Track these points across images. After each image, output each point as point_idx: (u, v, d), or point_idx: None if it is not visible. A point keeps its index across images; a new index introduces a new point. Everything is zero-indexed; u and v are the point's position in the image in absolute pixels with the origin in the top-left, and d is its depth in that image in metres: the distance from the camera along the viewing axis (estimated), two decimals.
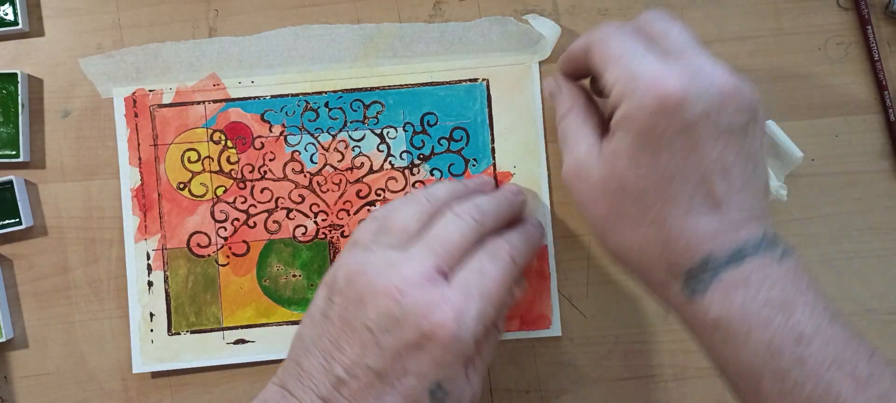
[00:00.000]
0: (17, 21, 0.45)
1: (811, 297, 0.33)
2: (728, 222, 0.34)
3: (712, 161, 0.33)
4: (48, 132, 0.45)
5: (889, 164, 0.46)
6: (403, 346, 0.33)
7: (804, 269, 0.34)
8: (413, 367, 0.33)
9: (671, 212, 0.34)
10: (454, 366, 0.34)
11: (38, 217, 0.45)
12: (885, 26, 0.46)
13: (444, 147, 0.45)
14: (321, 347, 0.35)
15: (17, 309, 0.45)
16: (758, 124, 0.35)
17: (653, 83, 0.33)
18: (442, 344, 0.33)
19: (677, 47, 0.34)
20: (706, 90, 0.33)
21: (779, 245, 0.34)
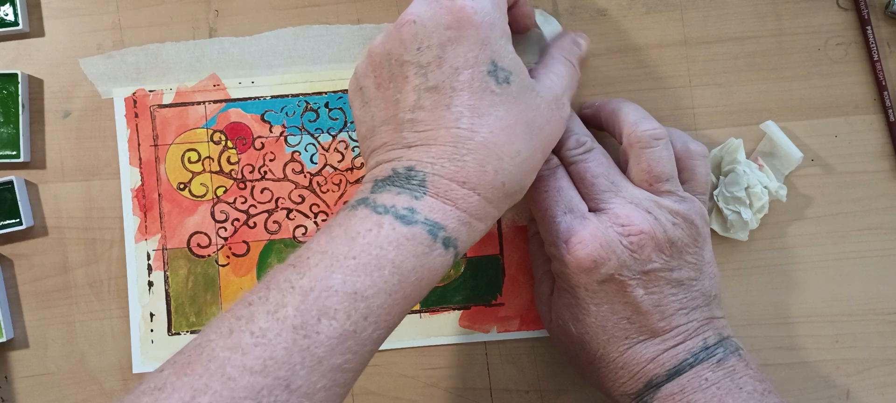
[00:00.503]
0: (17, 21, 0.45)
1: (744, 395, 0.36)
2: (665, 347, 0.38)
3: (640, 298, 0.37)
4: (48, 132, 0.45)
5: (889, 164, 0.46)
6: (440, 51, 0.34)
7: (746, 366, 0.38)
8: (460, 60, 0.34)
9: (612, 350, 0.38)
10: (497, 41, 0.35)
11: (38, 217, 0.45)
12: (885, 26, 0.46)
13: None
14: (380, 119, 0.36)
15: (17, 308, 0.45)
16: (691, 244, 0.38)
17: (568, 247, 0.37)
18: (471, 25, 0.34)
19: (595, 191, 0.39)
20: (616, 247, 0.37)
21: (719, 349, 0.38)
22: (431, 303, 0.45)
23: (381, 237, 0.32)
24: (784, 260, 0.45)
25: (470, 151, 0.34)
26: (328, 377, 0.30)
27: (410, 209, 0.33)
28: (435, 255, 0.33)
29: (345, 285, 0.31)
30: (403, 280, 0.32)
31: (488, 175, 0.34)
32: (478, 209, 0.34)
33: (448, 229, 0.33)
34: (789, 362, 0.45)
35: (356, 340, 0.31)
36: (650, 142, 0.39)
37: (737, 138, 0.44)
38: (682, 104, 0.45)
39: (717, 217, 0.44)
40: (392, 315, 0.32)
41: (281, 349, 0.30)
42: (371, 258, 0.32)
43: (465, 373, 0.46)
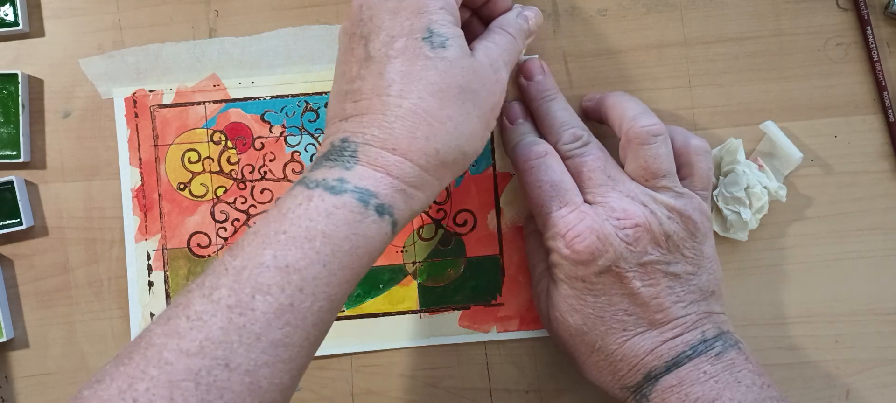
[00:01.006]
0: (17, 21, 0.45)
1: (742, 389, 0.37)
2: (664, 339, 0.38)
3: (637, 290, 0.38)
4: (49, 132, 0.45)
5: (889, 164, 0.46)
6: (379, 21, 0.35)
7: (746, 360, 0.38)
8: (397, 29, 0.35)
9: (611, 342, 0.39)
10: (436, 11, 0.35)
11: (38, 217, 0.45)
12: (885, 27, 0.46)
13: None
14: (332, 94, 0.37)
15: (17, 308, 0.45)
16: (689, 239, 0.39)
17: (566, 240, 0.38)
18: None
19: (592, 184, 0.39)
20: (613, 240, 0.37)
21: (718, 343, 0.38)
22: (431, 303, 0.45)
23: (310, 209, 0.32)
24: (784, 260, 0.45)
25: (399, 118, 0.34)
26: (269, 353, 0.30)
27: (340, 179, 0.33)
28: (368, 223, 0.33)
29: (276, 260, 0.31)
30: (337, 249, 0.32)
31: (419, 141, 0.34)
32: (412, 176, 0.34)
33: (380, 196, 0.33)
34: (789, 362, 0.45)
35: (294, 313, 0.31)
36: (648, 139, 0.39)
37: (736, 138, 0.44)
38: (682, 104, 0.45)
39: (717, 217, 0.44)
40: (331, 286, 0.32)
41: (217, 329, 0.30)
42: (301, 230, 0.32)
43: (465, 373, 0.46)
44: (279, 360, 0.31)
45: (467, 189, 0.45)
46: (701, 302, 0.39)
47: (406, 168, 0.34)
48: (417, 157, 0.34)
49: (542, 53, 0.45)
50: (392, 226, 0.34)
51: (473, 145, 0.36)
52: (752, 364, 0.38)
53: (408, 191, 0.34)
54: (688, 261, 0.39)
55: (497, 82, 0.37)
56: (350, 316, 0.45)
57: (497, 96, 0.37)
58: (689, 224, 0.39)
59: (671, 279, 0.38)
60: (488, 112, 0.36)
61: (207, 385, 0.29)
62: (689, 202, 0.39)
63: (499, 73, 0.37)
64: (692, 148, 0.40)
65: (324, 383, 0.45)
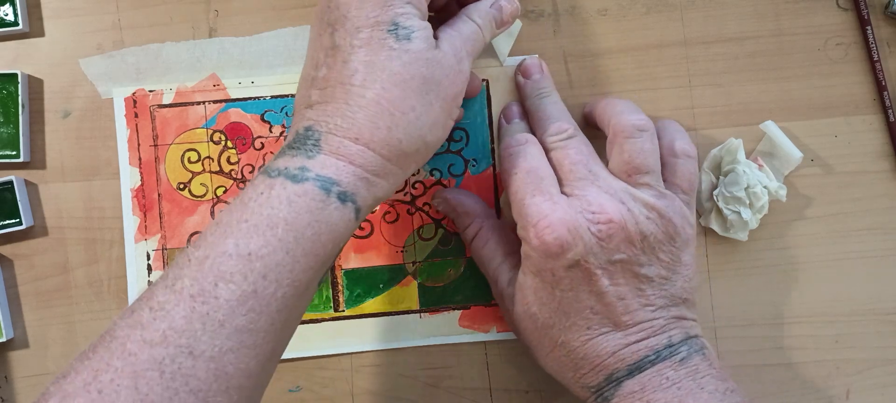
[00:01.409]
0: (17, 21, 0.45)
1: (705, 395, 0.36)
2: (627, 342, 0.38)
3: (605, 289, 0.37)
4: (48, 132, 0.45)
5: (889, 164, 0.46)
6: (346, 10, 0.35)
7: (710, 365, 0.37)
8: (363, 19, 0.35)
9: (575, 338, 0.38)
10: (402, 5, 0.35)
11: (38, 217, 0.45)
12: (885, 27, 0.46)
13: (443, 147, 0.45)
14: (300, 79, 0.38)
15: (17, 308, 0.45)
16: (667, 243, 0.38)
17: (536, 230, 0.37)
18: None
19: (572, 177, 0.38)
20: (584, 234, 0.37)
21: (683, 348, 0.37)
22: (431, 303, 0.45)
23: (272, 198, 0.32)
24: (784, 260, 0.45)
25: (362, 108, 0.34)
26: (234, 339, 0.30)
27: (302, 168, 0.33)
28: (331, 210, 0.33)
29: (238, 248, 0.31)
30: (299, 236, 0.32)
31: (382, 131, 0.34)
32: (375, 165, 0.34)
33: (342, 184, 0.33)
34: (789, 362, 0.45)
35: (257, 300, 0.31)
36: (633, 132, 0.39)
37: (737, 138, 0.44)
38: (682, 104, 0.45)
39: (717, 217, 0.44)
40: (295, 272, 0.32)
41: (180, 318, 0.30)
42: (263, 218, 0.32)
43: (465, 373, 0.46)
44: (244, 346, 0.31)
45: (467, 189, 0.45)
46: (671, 307, 0.38)
47: (368, 157, 0.34)
48: (379, 147, 0.34)
49: (542, 53, 0.45)
50: (355, 213, 0.34)
51: (436, 134, 0.36)
52: (716, 369, 0.38)
53: (370, 179, 0.34)
54: (662, 265, 0.38)
55: (459, 73, 0.36)
56: (350, 315, 0.45)
57: (459, 86, 0.36)
58: (669, 226, 0.38)
59: (641, 281, 0.38)
60: (450, 101, 0.36)
61: (172, 374, 0.29)
62: (670, 204, 0.38)
63: (462, 64, 0.37)
64: (676, 149, 0.40)
65: (324, 383, 0.45)
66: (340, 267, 0.45)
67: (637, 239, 0.37)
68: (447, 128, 0.37)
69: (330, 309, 0.45)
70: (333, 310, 0.45)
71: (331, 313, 0.45)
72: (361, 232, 0.45)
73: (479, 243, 0.43)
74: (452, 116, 0.37)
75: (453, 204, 0.43)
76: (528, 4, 0.45)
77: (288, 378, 0.45)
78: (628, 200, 0.38)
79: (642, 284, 0.38)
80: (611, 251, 0.37)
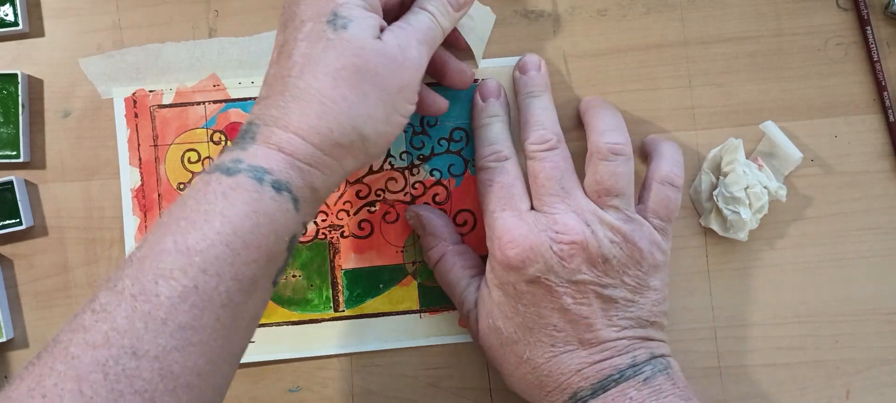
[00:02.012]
0: (17, 21, 0.45)
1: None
2: (592, 360, 0.38)
3: (567, 306, 0.38)
4: (48, 132, 0.45)
5: (889, 164, 0.46)
6: (296, 8, 0.36)
7: (673, 384, 0.38)
8: (307, 14, 0.35)
9: (539, 355, 0.38)
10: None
11: (38, 217, 0.45)
12: (885, 27, 0.46)
13: (443, 147, 0.45)
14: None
15: (17, 308, 0.45)
16: (632, 267, 0.38)
17: (500, 244, 0.38)
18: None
19: (544, 192, 0.39)
20: (545, 252, 0.37)
21: (647, 367, 0.38)
22: (431, 303, 0.45)
23: (208, 193, 0.32)
24: (784, 260, 0.45)
25: (294, 97, 0.34)
26: (177, 336, 0.30)
27: (236, 160, 0.33)
28: (267, 199, 0.33)
29: (176, 244, 0.31)
30: (238, 228, 0.32)
31: (311, 119, 0.34)
32: (305, 154, 0.34)
33: (274, 172, 0.33)
34: (789, 362, 0.45)
35: (199, 295, 0.31)
36: (607, 155, 0.39)
37: (736, 138, 0.44)
38: (682, 104, 0.45)
39: (717, 217, 0.44)
40: (236, 266, 0.32)
41: (122, 319, 0.30)
42: (200, 213, 0.32)
43: (465, 373, 0.46)
44: (190, 344, 0.30)
45: (467, 189, 0.45)
46: (637, 328, 0.39)
47: (297, 144, 0.34)
48: (309, 135, 0.34)
49: (542, 53, 0.45)
50: (294, 203, 0.33)
51: (374, 127, 0.35)
52: (680, 388, 0.38)
53: (303, 167, 0.34)
54: (627, 288, 0.38)
55: (406, 63, 0.36)
56: (350, 316, 0.45)
57: (406, 78, 0.36)
58: (634, 251, 0.38)
59: (605, 302, 0.38)
60: (394, 94, 0.35)
61: (116, 375, 0.29)
62: (637, 229, 0.39)
63: (408, 54, 0.36)
64: (660, 175, 0.40)
65: (324, 383, 0.45)
66: (340, 268, 0.45)
67: (599, 260, 0.38)
68: (392, 122, 0.36)
69: (330, 309, 0.45)
70: (333, 310, 0.45)
71: (331, 313, 0.45)
72: (361, 233, 0.45)
73: (444, 267, 0.43)
74: (399, 110, 0.36)
75: (423, 221, 0.43)
76: (528, 4, 0.45)
77: (288, 378, 0.45)
78: (594, 222, 0.38)
79: (606, 305, 0.38)
80: (572, 271, 0.37)
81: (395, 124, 0.36)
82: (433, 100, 0.42)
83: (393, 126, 0.36)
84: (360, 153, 0.35)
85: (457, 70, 0.43)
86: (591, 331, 0.38)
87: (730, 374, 0.45)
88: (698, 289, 0.45)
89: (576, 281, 0.38)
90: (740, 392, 0.45)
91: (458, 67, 0.43)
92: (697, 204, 0.45)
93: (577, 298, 0.38)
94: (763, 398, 0.45)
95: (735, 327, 0.45)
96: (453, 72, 0.42)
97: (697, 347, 0.45)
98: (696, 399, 0.38)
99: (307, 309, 0.45)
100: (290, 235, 0.34)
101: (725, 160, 0.44)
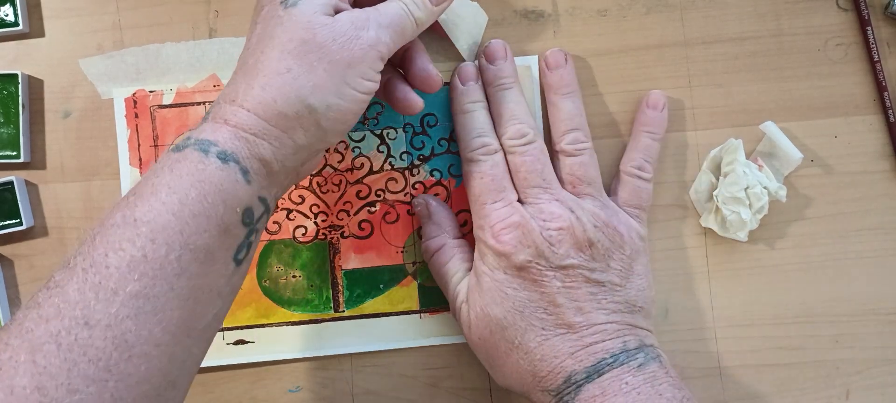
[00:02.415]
0: (17, 22, 0.45)
1: (663, 402, 0.37)
2: (584, 343, 0.38)
3: (556, 291, 0.39)
4: (48, 133, 0.45)
5: (889, 165, 0.46)
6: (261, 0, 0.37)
7: (666, 373, 0.38)
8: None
9: (531, 340, 0.39)
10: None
11: (38, 217, 0.45)
12: (885, 27, 0.46)
13: (444, 148, 0.45)
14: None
15: (17, 309, 0.45)
16: (616, 251, 0.40)
17: (493, 231, 0.39)
18: None
19: (527, 184, 0.40)
20: (536, 238, 0.39)
21: (639, 354, 0.38)
22: (431, 304, 0.45)
23: (156, 169, 0.34)
24: (784, 260, 0.45)
25: (242, 73, 0.36)
26: (129, 305, 0.30)
27: (186, 137, 0.34)
28: (212, 169, 0.33)
29: (125, 217, 0.32)
30: (184, 197, 0.32)
31: (255, 90, 0.35)
32: (250, 124, 0.34)
33: (220, 143, 0.34)
34: (789, 362, 0.45)
35: (149, 264, 0.31)
36: (573, 152, 0.42)
37: (736, 138, 0.44)
38: (682, 104, 0.45)
39: (717, 217, 0.44)
40: (185, 234, 0.32)
41: (73, 291, 0.30)
42: (147, 186, 0.33)
43: (465, 373, 0.46)
44: (143, 312, 0.31)
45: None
46: (625, 313, 0.39)
47: (242, 116, 0.34)
48: (253, 105, 0.35)
49: (542, 53, 0.45)
50: (243, 174, 0.34)
51: (322, 99, 0.35)
52: (673, 377, 0.38)
53: (248, 138, 0.34)
54: (614, 272, 0.40)
55: (357, 38, 0.36)
56: (350, 316, 0.45)
57: (357, 54, 0.36)
58: (615, 236, 0.40)
59: (593, 286, 0.39)
60: (343, 68, 0.35)
61: (68, 345, 0.29)
62: (614, 215, 0.41)
63: (361, 31, 0.36)
64: (629, 165, 0.43)
65: (324, 383, 0.45)
66: (340, 268, 0.45)
67: (585, 245, 0.39)
68: (345, 95, 0.36)
69: (330, 309, 0.45)
70: (333, 310, 0.45)
71: (331, 313, 0.45)
72: (361, 233, 0.45)
73: (442, 257, 0.43)
74: (351, 84, 0.36)
75: (430, 209, 0.44)
76: (528, 4, 0.45)
77: (288, 378, 0.45)
78: (577, 208, 0.40)
79: (594, 289, 0.39)
80: (561, 256, 0.39)
81: (349, 99, 0.36)
82: (405, 96, 0.41)
83: (347, 100, 0.36)
84: (311, 125, 0.36)
85: (421, 70, 0.41)
86: (581, 314, 0.39)
87: (730, 374, 0.45)
88: (698, 289, 0.45)
89: (565, 265, 0.39)
90: (740, 392, 0.45)
91: (424, 68, 0.41)
92: (697, 204, 0.45)
93: (566, 282, 0.39)
94: (763, 398, 0.45)
95: (735, 327, 0.45)
96: (417, 72, 0.41)
97: (697, 347, 0.45)
98: (687, 389, 0.38)
99: (307, 309, 0.45)
100: (243, 206, 0.34)
101: (725, 160, 0.44)
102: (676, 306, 0.45)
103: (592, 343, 0.38)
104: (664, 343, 0.45)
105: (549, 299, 0.39)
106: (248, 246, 0.35)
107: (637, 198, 0.43)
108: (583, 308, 0.39)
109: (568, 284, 0.39)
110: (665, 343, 0.45)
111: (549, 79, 0.43)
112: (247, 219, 0.35)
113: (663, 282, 0.45)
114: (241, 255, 0.35)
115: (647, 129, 0.44)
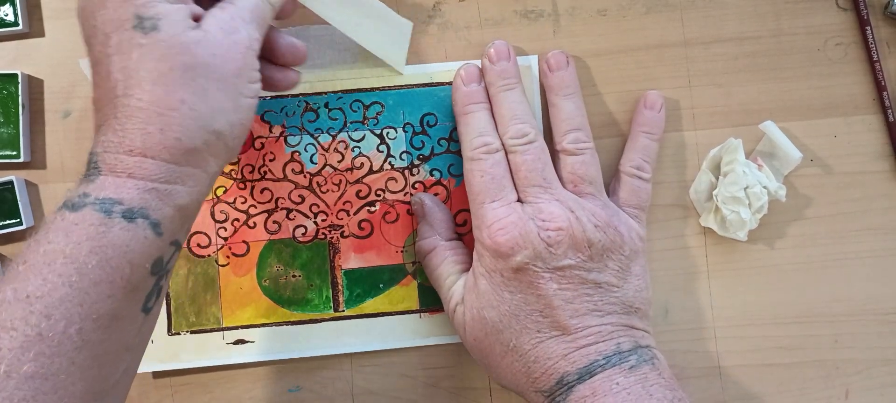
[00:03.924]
0: (17, 22, 0.45)
1: (655, 401, 0.37)
2: (577, 346, 0.38)
3: (552, 294, 0.38)
4: (49, 132, 0.45)
5: (888, 164, 0.46)
6: (93, 19, 0.33)
7: (659, 375, 0.38)
8: (108, 25, 0.33)
9: (525, 341, 0.39)
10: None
11: (38, 217, 0.45)
12: (884, 27, 0.46)
13: (443, 147, 0.45)
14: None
15: None
16: (614, 251, 0.39)
17: (490, 231, 0.39)
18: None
19: (527, 184, 0.40)
20: (534, 239, 0.38)
21: (632, 356, 0.38)
22: (431, 303, 0.45)
23: (50, 232, 0.31)
24: (784, 260, 0.46)
25: (129, 117, 0.32)
26: (25, 387, 0.29)
27: (83, 194, 0.32)
28: (116, 231, 0.31)
29: (16, 293, 0.29)
30: (81, 266, 0.30)
31: (154, 135, 0.32)
32: (160, 173, 0.32)
33: (126, 201, 0.31)
34: (789, 362, 0.45)
35: (45, 342, 0.29)
36: (575, 151, 0.41)
37: (736, 138, 0.44)
38: (681, 104, 0.46)
39: (716, 216, 0.44)
40: (86, 305, 0.30)
41: None
42: (40, 256, 0.30)
43: (465, 373, 0.46)
44: (41, 393, 0.29)
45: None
46: (621, 314, 0.39)
47: (148, 166, 0.32)
48: (157, 152, 0.32)
49: (542, 54, 0.45)
50: (153, 228, 0.32)
51: (225, 119, 0.34)
52: (665, 379, 0.38)
53: (160, 188, 0.32)
54: (612, 272, 0.39)
55: (234, 45, 0.34)
56: (350, 316, 0.45)
57: (239, 61, 0.34)
58: (616, 236, 0.40)
59: (590, 286, 0.39)
60: (232, 79, 0.34)
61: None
62: (615, 215, 0.41)
63: (234, 36, 0.34)
64: (628, 166, 0.43)
65: (324, 383, 0.45)
66: (340, 268, 0.45)
67: (584, 245, 0.39)
68: (241, 107, 0.34)
69: (330, 309, 0.45)
70: (333, 310, 0.45)
71: (331, 313, 0.45)
72: (361, 233, 0.45)
73: (435, 259, 0.43)
74: (243, 93, 0.34)
75: (426, 209, 0.44)
76: (528, 4, 0.45)
77: (288, 378, 0.45)
78: (577, 209, 0.39)
79: (591, 290, 0.39)
80: (558, 257, 0.38)
81: (245, 108, 0.35)
82: (283, 74, 0.40)
83: (245, 110, 0.35)
84: (221, 150, 0.34)
85: (287, 46, 0.39)
86: (576, 316, 0.38)
87: (729, 374, 0.45)
88: (698, 289, 0.45)
89: (561, 266, 0.38)
90: (740, 392, 0.45)
91: (288, 43, 0.39)
92: (697, 204, 0.45)
93: (562, 284, 0.38)
94: (763, 398, 0.45)
95: (735, 327, 0.45)
96: (284, 49, 0.39)
97: (697, 347, 0.45)
98: (681, 390, 0.38)
99: (307, 309, 0.45)
100: (152, 260, 0.32)
101: (725, 160, 0.44)
102: (676, 306, 0.45)
103: (586, 345, 0.38)
104: (664, 343, 0.45)
105: (545, 302, 0.38)
106: (158, 291, 0.33)
107: (636, 198, 0.43)
108: (578, 310, 0.38)
109: (564, 286, 0.38)
110: (665, 342, 0.45)
111: (550, 81, 0.43)
112: (156, 270, 0.33)
113: (663, 282, 0.45)
114: (151, 303, 0.33)
115: (645, 130, 0.44)
